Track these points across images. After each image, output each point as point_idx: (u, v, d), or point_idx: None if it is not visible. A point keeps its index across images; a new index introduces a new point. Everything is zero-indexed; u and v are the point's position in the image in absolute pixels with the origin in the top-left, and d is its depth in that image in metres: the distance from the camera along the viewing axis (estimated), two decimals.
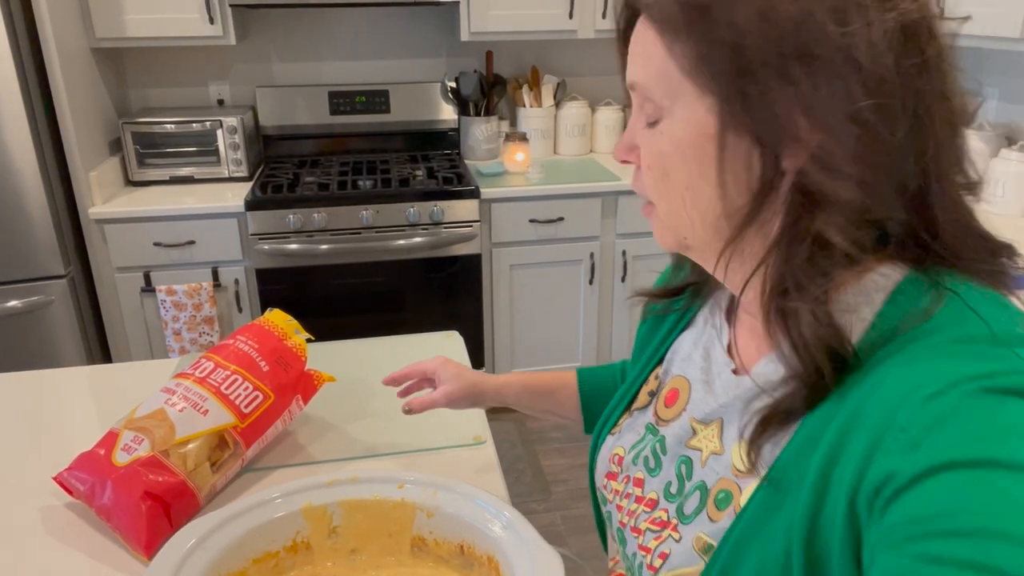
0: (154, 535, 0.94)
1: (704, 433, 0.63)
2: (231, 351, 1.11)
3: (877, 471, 0.45)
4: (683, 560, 0.60)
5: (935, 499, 0.42)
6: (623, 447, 0.73)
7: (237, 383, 1.06)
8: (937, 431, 0.43)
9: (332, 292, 2.68)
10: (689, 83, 0.51)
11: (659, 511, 0.65)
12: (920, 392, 0.45)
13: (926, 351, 0.48)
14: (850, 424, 0.48)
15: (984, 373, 0.44)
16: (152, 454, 0.98)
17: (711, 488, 0.61)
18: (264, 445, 1.11)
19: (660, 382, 0.72)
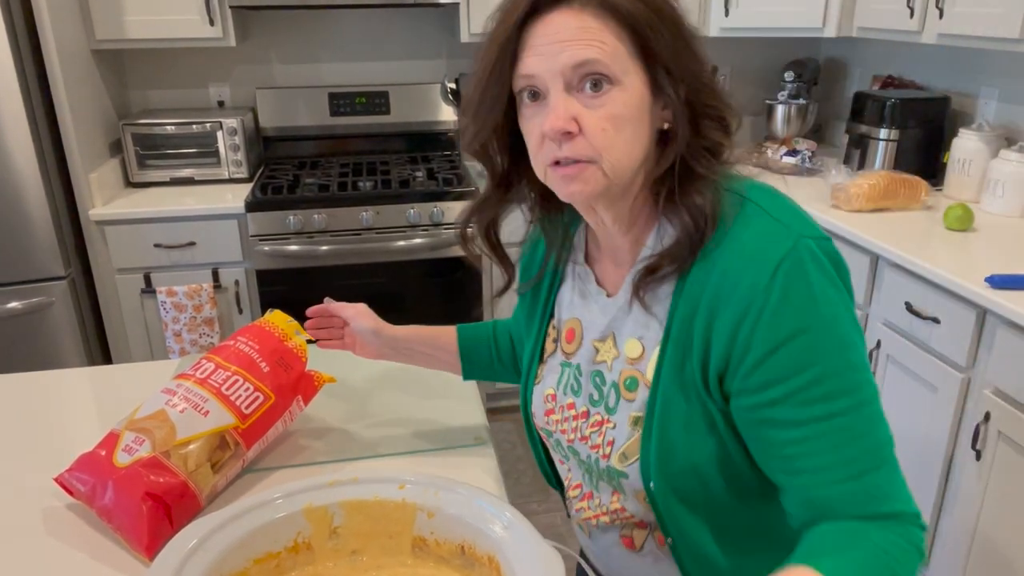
0: (155, 536, 0.94)
1: (603, 348, 0.84)
2: (232, 352, 1.11)
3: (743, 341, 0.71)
4: (623, 438, 0.80)
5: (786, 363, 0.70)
6: (551, 387, 0.90)
7: (238, 384, 1.06)
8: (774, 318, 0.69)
9: (332, 293, 2.66)
10: (632, 62, 0.70)
11: (593, 416, 0.84)
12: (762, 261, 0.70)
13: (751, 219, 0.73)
14: (718, 283, 0.72)
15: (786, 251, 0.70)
16: (153, 455, 0.98)
17: (619, 381, 0.81)
18: (265, 446, 1.11)
19: (557, 330, 0.91)
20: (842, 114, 3.17)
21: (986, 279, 1.72)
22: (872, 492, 0.72)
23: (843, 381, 0.71)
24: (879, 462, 0.73)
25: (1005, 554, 1.72)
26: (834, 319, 0.71)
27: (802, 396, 0.70)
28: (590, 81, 0.70)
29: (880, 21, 2.48)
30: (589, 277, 0.87)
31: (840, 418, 0.71)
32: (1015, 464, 1.67)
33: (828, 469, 0.71)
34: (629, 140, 0.72)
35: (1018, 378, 1.64)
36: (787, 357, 0.70)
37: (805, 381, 0.70)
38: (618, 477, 0.82)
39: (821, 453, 0.71)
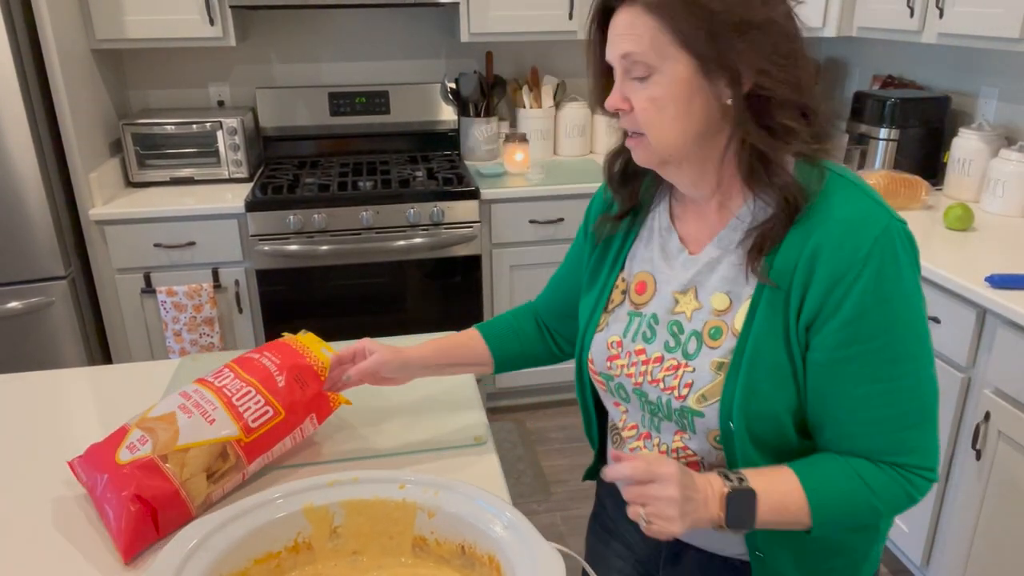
0: (136, 539, 0.93)
1: (683, 300, 0.91)
2: (253, 364, 1.09)
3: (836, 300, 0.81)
4: (703, 381, 0.87)
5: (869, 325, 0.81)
6: (616, 335, 0.96)
7: (250, 396, 1.05)
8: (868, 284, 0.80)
9: (332, 293, 2.69)
10: (673, 49, 0.80)
11: (668, 361, 0.91)
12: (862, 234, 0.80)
13: (842, 197, 0.83)
14: (812, 253, 0.81)
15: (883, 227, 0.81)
16: (151, 457, 0.97)
17: (702, 330, 0.89)
18: (269, 462, 1.09)
19: (627, 282, 0.98)
20: (842, 114, 3.17)
21: (986, 279, 1.72)
22: (903, 445, 0.84)
23: (911, 348, 0.82)
24: (921, 420, 0.84)
25: (1005, 554, 1.72)
26: (913, 294, 0.83)
27: (876, 357, 0.82)
28: (635, 68, 0.82)
29: (880, 21, 2.48)
30: (672, 235, 0.94)
31: (901, 380, 0.82)
32: (1015, 464, 1.67)
33: (878, 423, 0.83)
34: (672, 117, 0.82)
35: (1018, 378, 1.64)
36: (871, 321, 0.81)
37: (881, 343, 0.81)
38: (692, 416, 0.89)
39: (878, 408, 0.83)
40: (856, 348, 0.82)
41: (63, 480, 1.08)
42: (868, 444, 0.84)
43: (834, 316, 0.81)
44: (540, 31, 2.83)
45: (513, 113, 3.20)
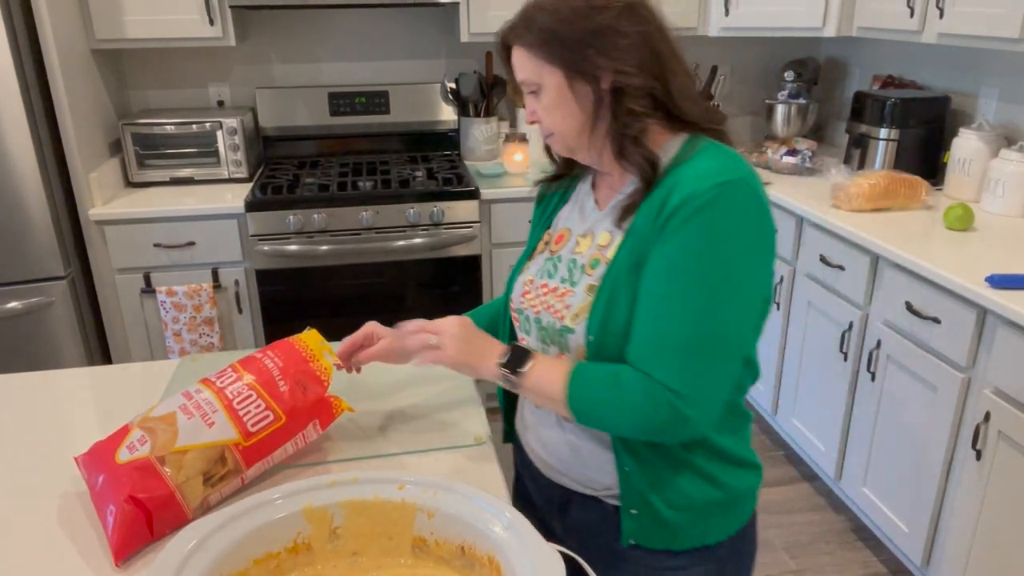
0: (128, 541, 0.93)
1: (583, 242, 1.06)
2: (256, 366, 1.09)
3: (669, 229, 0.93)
4: (578, 302, 1.01)
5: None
6: (531, 275, 1.11)
7: (251, 400, 1.04)
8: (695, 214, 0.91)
9: (332, 293, 2.69)
10: (546, 67, 0.98)
11: (560, 290, 1.05)
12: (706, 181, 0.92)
13: (698, 161, 0.96)
14: (664, 199, 0.94)
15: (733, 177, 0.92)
16: (148, 458, 0.96)
17: (586, 262, 1.03)
18: (269, 466, 1.08)
19: (551, 235, 1.13)
20: (842, 114, 3.17)
21: (986, 279, 1.72)
22: (659, 360, 0.94)
23: (717, 287, 0.92)
24: (689, 348, 0.93)
25: (1005, 554, 1.72)
26: (743, 244, 0.93)
27: (675, 280, 0.93)
28: (529, 88, 1.02)
29: (880, 21, 2.48)
30: (590, 198, 1.11)
31: (687, 307, 0.92)
32: (1015, 464, 1.67)
33: (648, 333, 0.95)
34: (563, 118, 1.00)
35: (1018, 378, 1.64)
36: (686, 250, 0.92)
37: (686, 271, 0.92)
38: (566, 334, 1.02)
39: (655, 321, 0.94)
40: (664, 269, 0.94)
41: (63, 480, 1.09)
42: (635, 351, 0.96)
43: (662, 242, 0.94)
44: None
45: (513, 113, 3.20)
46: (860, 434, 2.23)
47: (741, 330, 0.96)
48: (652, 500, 1.03)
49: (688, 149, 0.98)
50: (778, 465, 2.71)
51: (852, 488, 2.30)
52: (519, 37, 1.00)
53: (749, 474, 1.08)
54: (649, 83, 0.96)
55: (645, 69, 0.96)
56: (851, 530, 2.37)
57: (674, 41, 1.00)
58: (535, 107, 1.03)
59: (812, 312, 2.43)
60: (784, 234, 2.54)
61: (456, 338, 1.06)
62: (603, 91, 0.97)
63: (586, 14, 0.95)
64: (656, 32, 0.98)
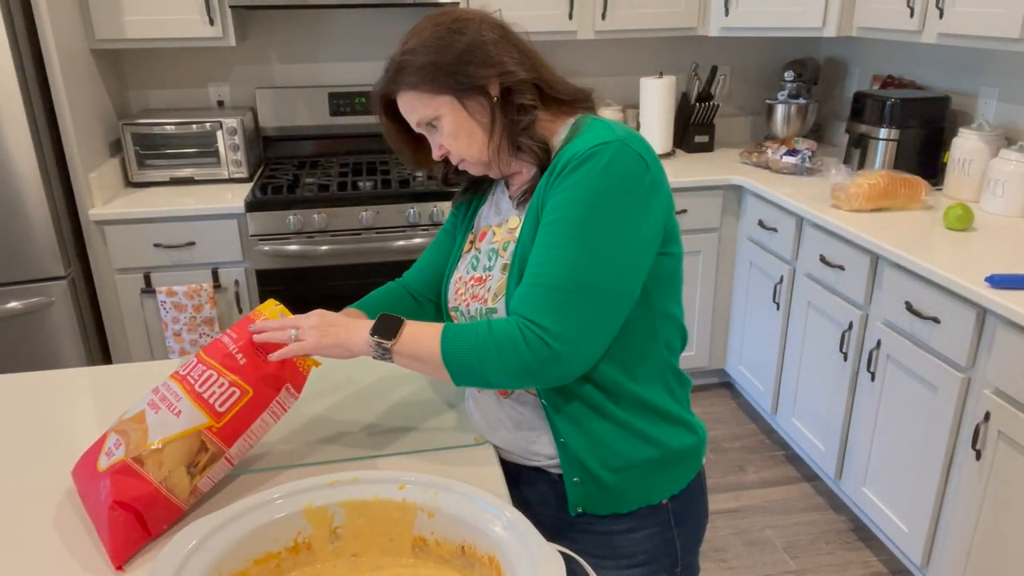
0: (124, 545, 0.92)
1: (499, 231, 1.12)
2: (215, 346, 1.06)
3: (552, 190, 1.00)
4: (496, 283, 1.08)
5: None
6: (460, 274, 1.17)
7: (212, 380, 1.01)
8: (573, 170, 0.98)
9: (332, 293, 2.68)
10: (436, 98, 1.04)
11: (483, 276, 1.11)
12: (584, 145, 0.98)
13: (591, 131, 1.02)
14: (551, 171, 1.02)
15: (607, 140, 0.98)
16: (125, 460, 0.95)
17: (499, 247, 1.10)
18: (253, 440, 1.05)
19: (474, 235, 1.19)
20: (842, 114, 3.17)
21: (986, 279, 1.72)
22: (526, 299, 0.97)
23: (592, 235, 0.96)
24: (558, 286, 0.96)
25: (1005, 554, 1.72)
26: (617, 194, 0.97)
27: (553, 228, 0.98)
28: (427, 125, 1.07)
29: (880, 21, 2.48)
30: (504, 195, 1.16)
31: (561, 250, 0.96)
32: (1015, 464, 1.67)
33: (526, 278, 0.99)
34: (467, 139, 1.06)
35: (1018, 378, 1.64)
36: (564, 201, 0.97)
37: (563, 219, 0.97)
38: (491, 315, 1.07)
39: (532, 266, 0.99)
40: (546, 223, 0.99)
41: (62, 481, 1.08)
42: (514, 298, 1.00)
43: (547, 202, 1.00)
44: (540, 31, 2.82)
45: None
46: (860, 434, 2.23)
47: (620, 275, 0.98)
48: (591, 466, 1.06)
49: (574, 129, 1.06)
50: (778, 465, 2.71)
51: (852, 488, 2.30)
52: (401, 84, 1.04)
53: (686, 433, 1.11)
54: (531, 74, 1.04)
55: (521, 63, 1.04)
56: (851, 530, 2.37)
57: (526, 40, 1.09)
58: (439, 140, 1.07)
59: (812, 312, 2.43)
60: (784, 234, 2.54)
61: (315, 327, 1.04)
62: (495, 98, 1.04)
63: (452, 38, 1.02)
64: (511, 34, 1.07)
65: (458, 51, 1.02)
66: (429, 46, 1.03)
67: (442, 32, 1.03)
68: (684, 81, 3.27)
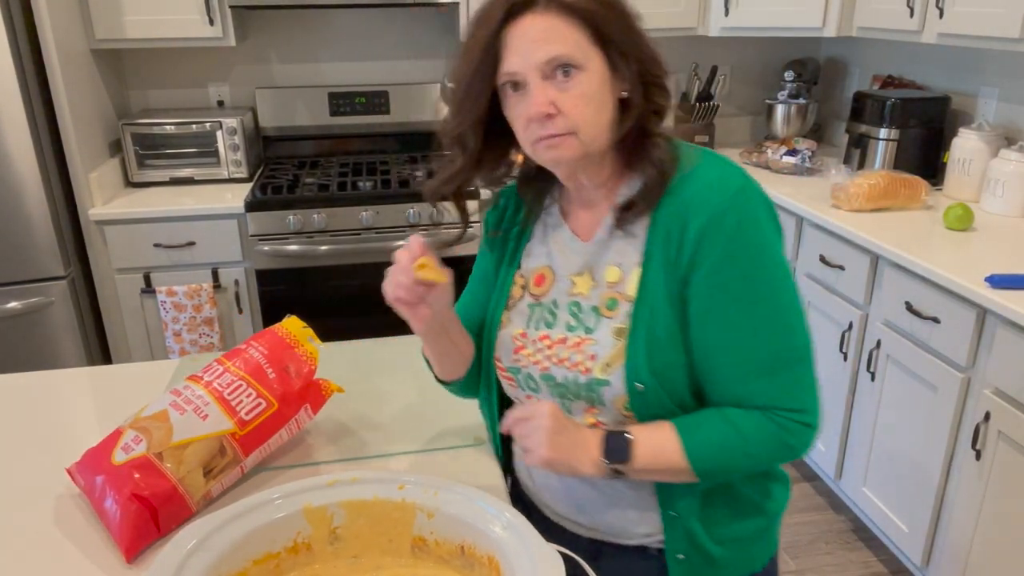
0: (137, 538, 0.93)
1: (580, 281, 0.96)
2: (242, 357, 1.10)
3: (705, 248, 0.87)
4: (605, 350, 0.92)
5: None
6: (519, 328, 1.00)
7: (241, 389, 1.05)
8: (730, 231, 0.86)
9: (332, 293, 2.68)
10: (592, 49, 0.85)
11: (571, 340, 0.94)
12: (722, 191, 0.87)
13: (704, 164, 0.91)
14: (683, 220, 0.88)
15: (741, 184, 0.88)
16: (146, 455, 0.97)
17: (599, 304, 0.94)
18: (267, 454, 1.09)
19: (525, 278, 1.02)
20: (842, 114, 3.17)
21: (986, 279, 1.72)
22: (770, 390, 0.89)
23: (774, 294, 0.88)
24: (787, 365, 0.89)
25: (1005, 554, 1.72)
26: (772, 245, 0.89)
27: (738, 302, 0.87)
28: (561, 70, 0.85)
29: (880, 21, 2.48)
30: (564, 229, 1.00)
31: (764, 325, 0.88)
32: (1015, 464, 1.67)
33: (743, 366, 0.89)
34: (597, 111, 0.88)
35: (1018, 378, 1.64)
36: (733, 268, 0.87)
37: (743, 289, 0.87)
38: (599, 387, 0.93)
39: (742, 351, 0.88)
40: (719, 296, 0.88)
41: (63, 480, 1.08)
42: (738, 390, 0.89)
43: (702, 266, 0.88)
44: None
45: None
46: (860, 434, 2.23)
47: (804, 324, 0.91)
48: (701, 541, 0.97)
49: (673, 152, 0.92)
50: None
51: (852, 488, 2.30)
52: (571, 5, 0.85)
53: (783, 488, 1.06)
54: (663, 74, 0.91)
55: (658, 62, 0.90)
56: (851, 530, 2.37)
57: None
58: (558, 96, 0.86)
59: (812, 312, 2.43)
60: (784, 234, 2.54)
61: (550, 431, 0.89)
62: (635, 84, 0.89)
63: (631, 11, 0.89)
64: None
65: (633, 15, 0.89)
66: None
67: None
68: (684, 81, 3.27)
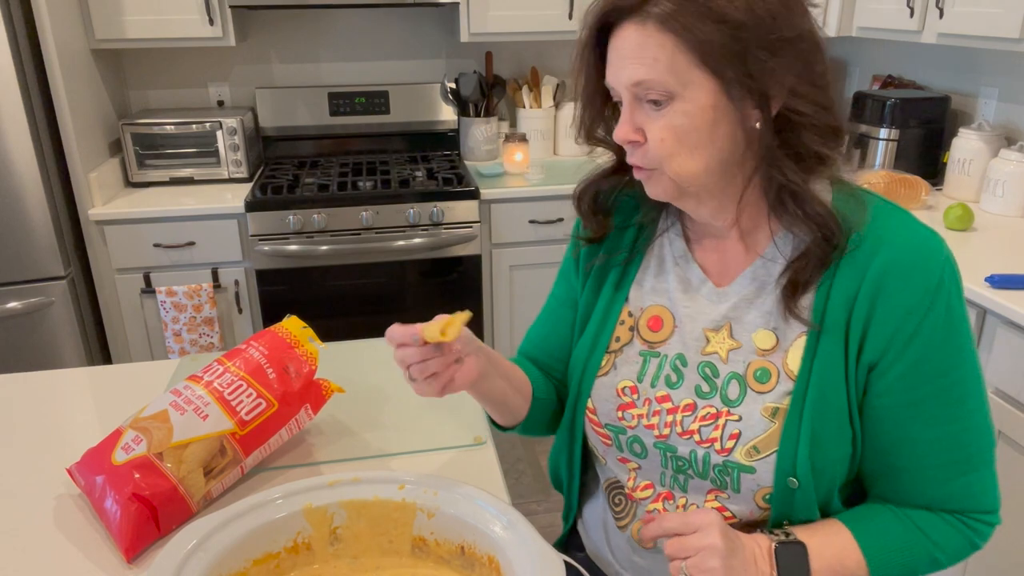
0: (137, 539, 0.93)
1: (716, 338, 0.81)
2: (242, 357, 1.10)
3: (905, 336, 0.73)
4: (754, 432, 0.77)
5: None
6: (627, 379, 0.86)
7: (241, 390, 1.05)
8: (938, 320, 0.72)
9: (332, 293, 2.68)
10: (695, 70, 0.70)
11: (702, 409, 0.80)
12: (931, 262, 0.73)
13: (896, 223, 0.75)
14: (880, 278, 0.73)
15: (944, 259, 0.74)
16: (147, 455, 0.97)
17: (744, 373, 0.79)
18: (267, 454, 1.09)
19: (635, 318, 0.87)
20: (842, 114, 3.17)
21: (986, 279, 1.72)
22: (967, 491, 0.79)
23: (974, 385, 0.77)
24: (984, 462, 0.80)
25: (1005, 554, 1.72)
26: (969, 329, 0.77)
27: (946, 397, 0.76)
28: (650, 95, 0.73)
29: (880, 21, 2.48)
30: (691, 265, 0.85)
31: (968, 421, 0.77)
32: (1015, 464, 1.66)
33: (944, 468, 0.78)
34: (693, 147, 0.73)
35: (1018, 378, 1.64)
36: (941, 358, 0.74)
37: (950, 382, 0.75)
38: (738, 472, 0.79)
39: (945, 452, 0.77)
40: (926, 389, 0.75)
41: (63, 480, 1.08)
42: (931, 492, 0.78)
43: (904, 354, 0.74)
44: (540, 31, 2.83)
45: (513, 113, 3.20)
46: None
47: (990, 415, 0.81)
48: None
49: (848, 204, 0.76)
50: None
51: None
52: (651, 13, 0.69)
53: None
54: (827, 116, 0.74)
55: (824, 98, 0.74)
56: None
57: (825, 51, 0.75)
58: (646, 123, 0.74)
59: None
60: None
61: (723, 554, 0.72)
62: (770, 118, 0.72)
63: (785, 11, 0.70)
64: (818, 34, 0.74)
65: (774, 30, 0.69)
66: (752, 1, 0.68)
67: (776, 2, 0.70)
68: None
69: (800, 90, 0.71)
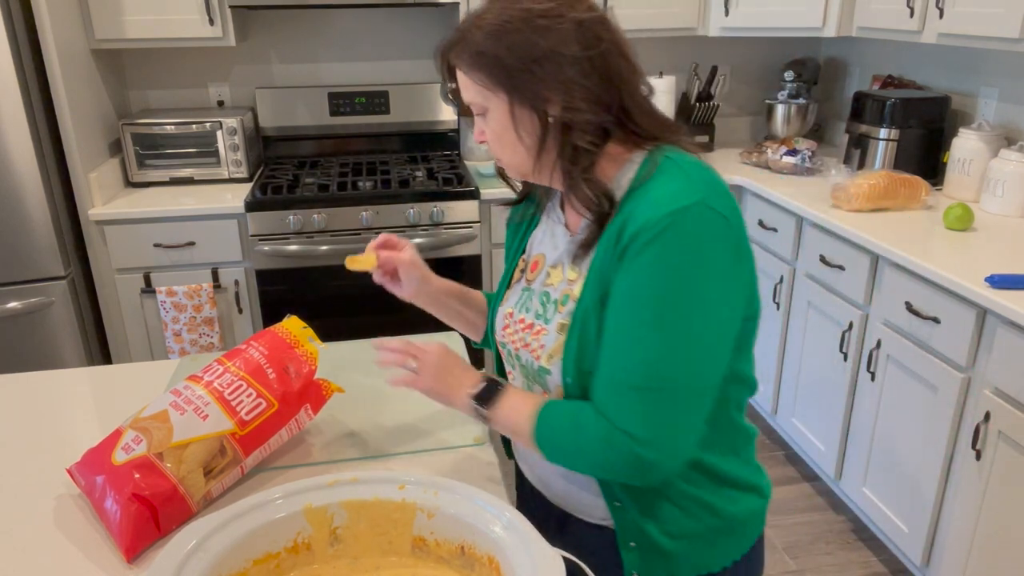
0: (137, 538, 0.93)
1: (554, 273, 1.02)
2: (243, 357, 1.10)
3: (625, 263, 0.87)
4: (551, 341, 0.98)
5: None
6: (510, 307, 1.07)
7: (242, 390, 1.05)
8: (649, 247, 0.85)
9: (332, 293, 2.68)
10: (489, 92, 0.92)
11: (536, 327, 1.01)
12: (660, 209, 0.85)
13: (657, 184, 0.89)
14: (621, 228, 0.88)
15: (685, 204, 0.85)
16: (147, 455, 0.97)
17: (558, 298, 0.99)
18: (267, 454, 1.10)
19: (526, 262, 1.09)
20: (842, 114, 3.17)
21: (986, 279, 1.72)
22: (619, 404, 0.89)
23: (677, 323, 0.86)
24: (649, 389, 0.87)
25: (1005, 554, 1.72)
26: (709, 269, 0.86)
27: (636, 317, 0.87)
28: (476, 109, 0.96)
29: (880, 21, 2.48)
30: (560, 219, 1.05)
31: (648, 346, 0.86)
32: (1015, 464, 1.67)
33: (610, 373, 0.89)
34: (509, 144, 0.94)
35: (1018, 378, 1.64)
36: (646, 285, 0.86)
37: (646, 307, 0.86)
38: (544, 376, 0.99)
39: (616, 360, 0.89)
40: (626, 310, 0.88)
41: (63, 480, 1.08)
42: (596, 392, 0.92)
43: (617, 276, 0.89)
44: None
45: None
46: (860, 434, 2.23)
47: (706, 365, 0.88)
48: (649, 531, 0.98)
49: (647, 168, 0.91)
50: (778, 465, 2.71)
51: (852, 488, 2.30)
52: (458, 58, 0.93)
53: (752, 497, 1.03)
54: (600, 117, 0.89)
55: (597, 100, 0.89)
56: (851, 530, 2.37)
57: (632, 54, 0.92)
58: (483, 128, 0.97)
59: (812, 312, 2.43)
60: (784, 234, 2.54)
61: (435, 367, 1.02)
62: (550, 121, 0.90)
63: (529, 37, 0.87)
64: (612, 48, 0.90)
65: (528, 55, 0.87)
66: (500, 33, 0.88)
67: (520, 24, 0.88)
68: (684, 81, 3.27)
69: (564, 97, 0.89)
